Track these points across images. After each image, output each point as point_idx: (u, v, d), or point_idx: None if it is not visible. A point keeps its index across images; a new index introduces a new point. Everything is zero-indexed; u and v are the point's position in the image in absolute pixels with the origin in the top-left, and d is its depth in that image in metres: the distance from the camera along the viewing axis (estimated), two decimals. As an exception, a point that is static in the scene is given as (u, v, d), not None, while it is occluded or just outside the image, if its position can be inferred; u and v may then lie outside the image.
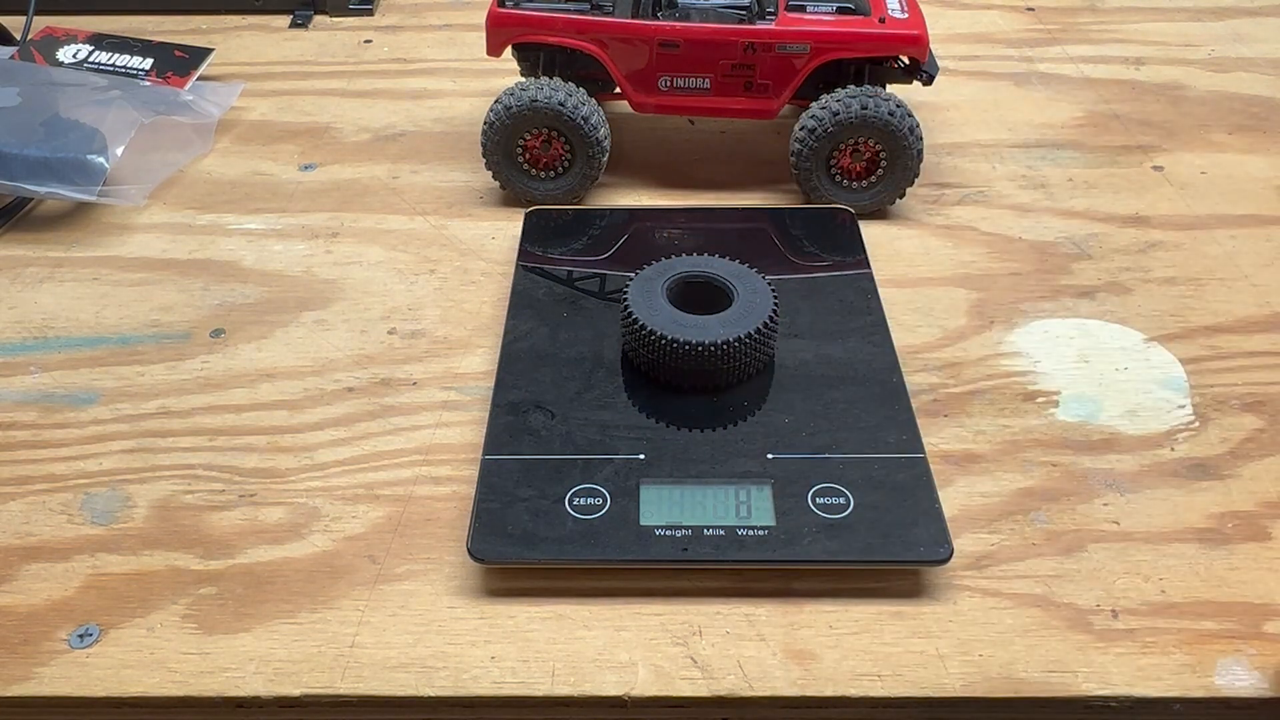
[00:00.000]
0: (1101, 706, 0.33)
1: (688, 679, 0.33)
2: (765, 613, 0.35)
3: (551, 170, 0.53)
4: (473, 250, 0.52)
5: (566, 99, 0.51)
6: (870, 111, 0.50)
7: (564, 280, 0.47)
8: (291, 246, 0.52)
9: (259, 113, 0.62)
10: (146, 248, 0.52)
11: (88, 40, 0.64)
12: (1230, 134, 0.60)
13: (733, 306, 0.41)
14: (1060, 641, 0.34)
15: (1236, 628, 0.35)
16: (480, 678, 0.33)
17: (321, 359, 0.45)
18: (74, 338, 0.47)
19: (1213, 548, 0.37)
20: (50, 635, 0.35)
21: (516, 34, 0.53)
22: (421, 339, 0.46)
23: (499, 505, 0.37)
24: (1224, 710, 0.33)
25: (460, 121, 0.61)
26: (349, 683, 0.33)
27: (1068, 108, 0.63)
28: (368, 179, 0.57)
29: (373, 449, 0.41)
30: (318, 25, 0.72)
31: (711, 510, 0.37)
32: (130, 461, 0.41)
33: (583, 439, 0.39)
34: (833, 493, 0.37)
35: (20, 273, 0.50)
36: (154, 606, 0.36)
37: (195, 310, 0.48)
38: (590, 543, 0.36)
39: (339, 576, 0.37)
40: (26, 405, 0.43)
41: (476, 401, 0.43)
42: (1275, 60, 0.67)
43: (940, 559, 0.35)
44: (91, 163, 0.52)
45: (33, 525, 0.38)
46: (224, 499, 0.39)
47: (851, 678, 0.33)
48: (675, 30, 0.51)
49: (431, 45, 0.70)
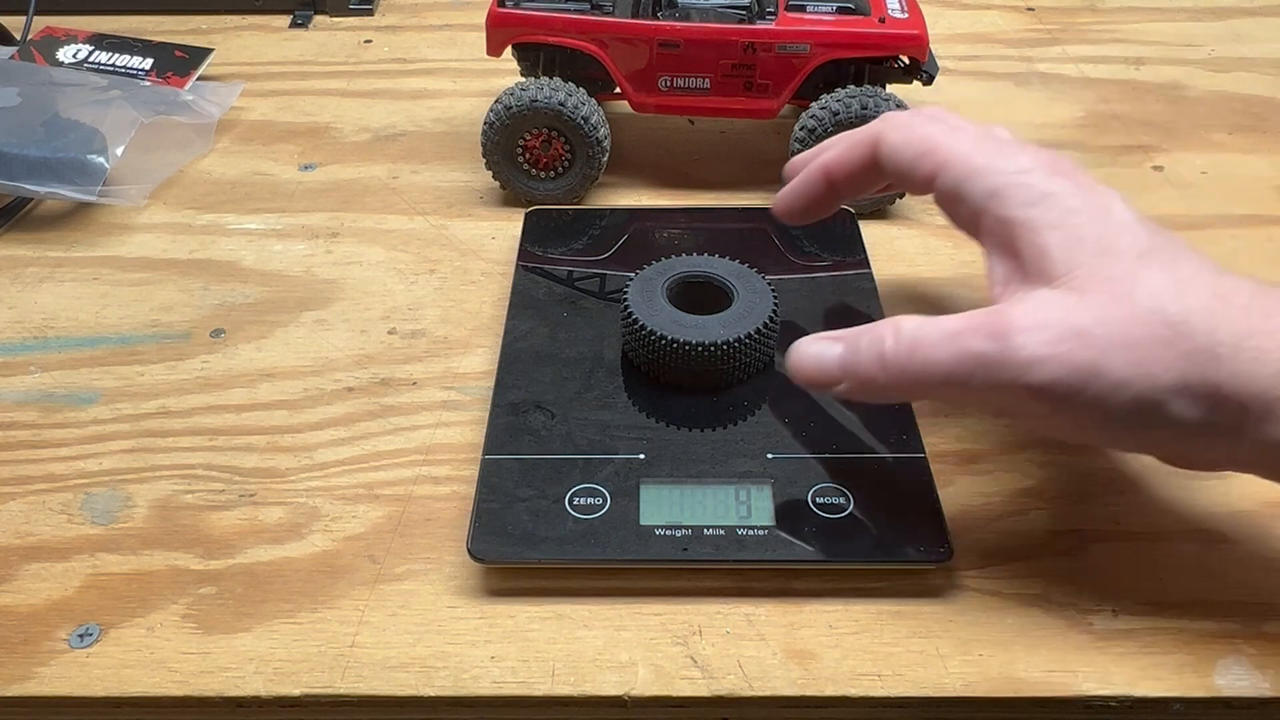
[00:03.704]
0: (1101, 706, 0.33)
1: (688, 679, 0.33)
2: (765, 613, 0.35)
3: (551, 170, 0.53)
4: (473, 250, 0.52)
5: (566, 99, 0.51)
6: (870, 111, 0.50)
7: (564, 280, 0.47)
8: (291, 246, 0.52)
9: (259, 113, 0.62)
10: (146, 248, 0.52)
11: (88, 40, 0.64)
12: (1230, 134, 0.60)
13: (733, 306, 0.41)
14: (1060, 641, 0.34)
15: (1236, 628, 0.35)
16: (480, 677, 0.33)
17: (321, 359, 0.45)
18: (74, 338, 0.47)
19: (1213, 547, 0.37)
20: (50, 635, 0.35)
21: (516, 34, 0.53)
22: (421, 339, 0.46)
23: (499, 505, 0.37)
24: (1224, 710, 0.33)
25: (460, 121, 0.61)
26: (349, 682, 0.33)
27: (1068, 108, 0.63)
28: (368, 179, 0.57)
29: (373, 449, 0.41)
30: (318, 25, 0.72)
31: (711, 510, 0.37)
32: (130, 461, 0.41)
33: (583, 439, 0.39)
34: (833, 493, 0.37)
35: (20, 273, 0.50)
36: (154, 606, 0.36)
37: (195, 310, 0.48)
38: (590, 543, 0.36)
39: (339, 576, 0.37)
40: (26, 405, 0.43)
41: (476, 401, 0.43)
42: (1275, 60, 0.67)
43: (940, 559, 0.35)
44: (91, 163, 0.52)
45: (33, 525, 0.38)
46: (224, 499, 0.39)
47: (851, 678, 0.33)
48: (675, 30, 0.51)
49: (431, 45, 0.70)
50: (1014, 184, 0.34)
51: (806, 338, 0.36)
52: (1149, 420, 0.31)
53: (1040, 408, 0.32)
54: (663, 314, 0.41)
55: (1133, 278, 0.32)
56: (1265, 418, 0.30)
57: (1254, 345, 0.30)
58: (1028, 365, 0.31)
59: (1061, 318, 0.31)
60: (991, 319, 0.32)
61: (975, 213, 0.35)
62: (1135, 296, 0.31)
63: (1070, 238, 0.33)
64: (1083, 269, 0.32)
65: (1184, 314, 0.31)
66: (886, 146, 0.37)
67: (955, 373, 0.32)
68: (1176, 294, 0.31)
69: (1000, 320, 0.32)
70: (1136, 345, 0.31)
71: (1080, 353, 0.31)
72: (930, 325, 0.33)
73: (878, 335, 0.34)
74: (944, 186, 0.36)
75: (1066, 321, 0.31)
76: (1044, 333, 0.31)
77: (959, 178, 0.35)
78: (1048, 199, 0.33)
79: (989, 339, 0.32)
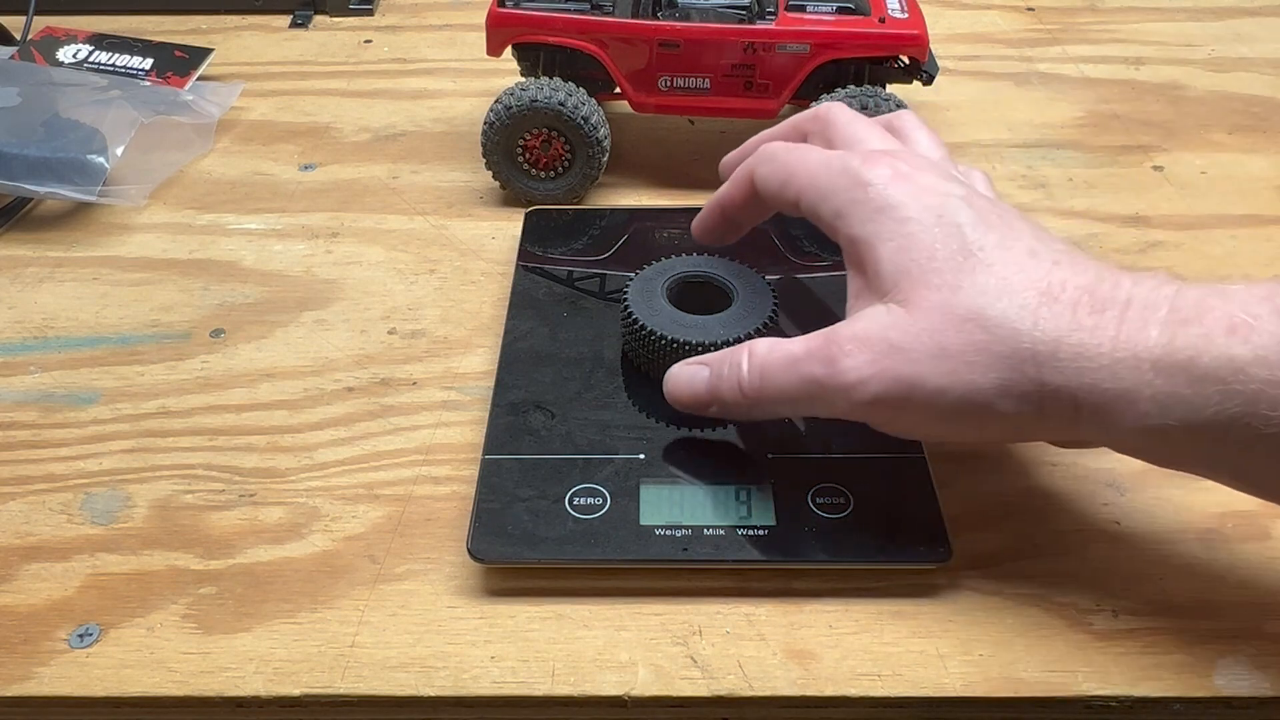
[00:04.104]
0: (1101, 706, 0.33)
1: (688, 679, 0.33)
2: (765, 613, 0.35)
3: (551, 170, 0.53)
4: (473, 250, 0.52)
5: (566, 99, 0.51)
6: (871, 112, 0.50)
7: (564, 280, 0.47)
8: (291, 246, 0.52)
9: (259, 113, 0.62)
10: (146, 248, 0.52)
11: (88, 40, 0.64)
12: (1230, 134, 0.60)
13: (733, 306, 0.41)
14: (1060, 641, 0.34)
15: (1236, 628, 0.35)
16: (480, 677, 0.33)
17: (321, 359, 0.45)
18: (74, 338, 0.47)
19: (1213, 548, 0.37)
20: (50, 635, 0.35)
21: (516, 34, 0.53)
22: (421, 339, 0.46)
23: (499, 505, 0.37)
24: (1224, 710, 0.33)
25: (460, 121, 0.61)
26: (349, 682, 0.33)
27: (1068, 108, 0.63)
28: (368, 179, 0.57)
29: (373, 449, 0.41)
30: (318, 25, 0.72)
31: (711, 510, 0.37)
32: (130, 461, 0.41)
33: (583, 439, 0.39)
34: (833, 493, 0.37)
35: (20, 273, 0.50)
36: (154, 606, 0.36)
37: (195, 310, 0.48)
38: (590, 543, 0.36)
39: (339, 576, 0.37)
40: (26, 405, 0.43)
41: (476, 401, 0.43)
42: (1275, 60, 0.67)
43: (940, 559, 0.35)
44: (91, 163, 0.52)
45: (33, 525, 0.38)
46: (224, 499, 0.39)
47: (851, 678, 0.33)
48: (675, 30, 0.51)
49: (431, 45, 0.70)
50: (853, 200, 0.35)
51: (680, 362, 0.38)
52: (982, 419, 0.32)
53: (877, 417, 0.34)
54: (663, 314, 0.41)
55: (954, 284, 0.32)
56: (1101, 411, 0.30)
57: (1076, 341, 0.30)
58: (853, 387, 0.33)
59: (882, 333, 0.33)
60: (824, 343, 0.34)
61: (831, 233, 0.36)
62: (953, 303, 0.32)
63: (900, 249, 0.33)
64: (908, 279, 0.33)
65: (1001, 317, 0.31)
66: (758, 179, 0.38)
67: (799, 397, 0.34)
68: (996, 295, 0.32)
69: (830, 344, 0.33)
70: (951, 354, 0.31)
71: (899, 367, 0.32)
72: (778, 350, 0.35)
73: (736, 361, 0.35)
74: (806, 212, 0.37)
75: (886, 338, 0.32)
76: (865, 352, 0.32)
77: (813, 202, 0.36)
78: (883, 212, 0.34)
79: (820, 363, 0.33)
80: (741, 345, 0.36)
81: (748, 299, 0.42)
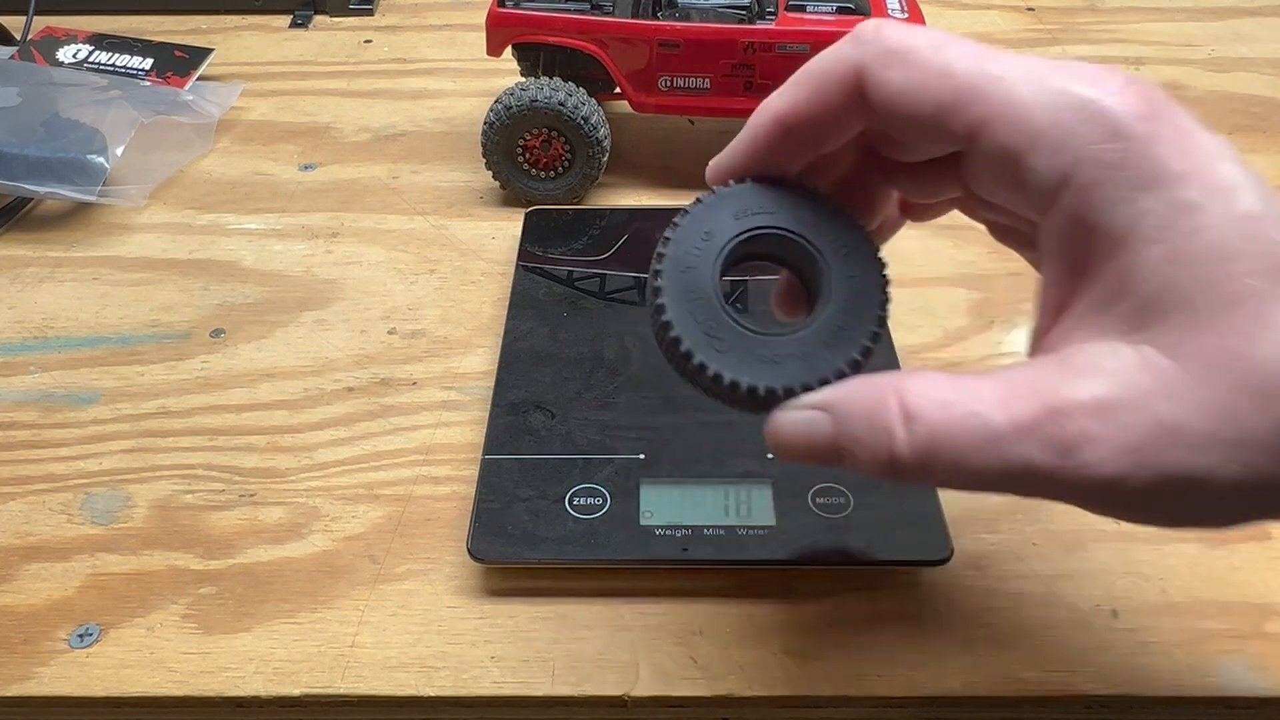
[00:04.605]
0: (1101, 706, 0.33)
1: (688, 679, 0.33)
2: (765, 613, 0.35)
3: (551, 170, 0.53)
4: (473, 250, 0.52)
5: (566, 99, 0.51)
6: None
7: (564, 280, 0.47)
8: (291, 246, 0.52)
9: (259, 113, 0.62)
10: (146, 248, 0.52)
11: (88, 40, 0.64)
12: (1230, 134, 0.60)
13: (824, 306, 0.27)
14: (1060, 641, 0.34)
15: (1236, 628, 0.35)
16: (480, 678, 0.33)
17: (321, 359, 0.45)
18: (74, 338, 0.47)
19: (1213, 548, 0.37)
20: (50, 635, 0.35)
21: (516, 34, 0.53)
22: (421, 339, 0.46)
23: (499, 505, 0.37)
24: (1224, 710, 0.33)
25: (460, 121, 0.61)
26: (349, 682, 0.33)
27: (1068, 108, 0.63)
28: (368, 179, 0.57)
29: (373, 449, 0.41)
30: (318, 25, 0.72)
31: (711, 510, 0.37)
32: (130, 461, 0.41)
33: (583, 439, 0.39)
34: (833, 493, 0.37)
35: (20, 273, 0.50)
36: (154, 606, 0.36)
37: (195, 310, 0.48)
38: (590, 543, 0.36)
39: (339, 576, 0.37)
40: (26, 405, 0.43)
41: (476, 401, 0.43)
42: (1275, 60, 0.67)
43: (940, 559, 0.35)
44: (91, 163, 0.52)
45: (33, 525, 0.38)
46: (224, 499, 0.39)
47: (851, 678, 0.33)
48: (675, 30, 0.51)
49: (431, 45, 0.70)
50: (1100, 160, 0.23)
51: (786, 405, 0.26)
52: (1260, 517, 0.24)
53: (1124, 515, 0.24)
54: (713, 314, 0.28)
55: (1251, 326, 0.22)
56: None
57: None
58: (1101, 487, 0.22)
59: (1143, 404, 0.22)
60: (1045, 414, 0.23)
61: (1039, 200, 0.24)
62: (1250, 358, 0.22)
63: (1175, 256, 0.22)
64: (1186, 310, 0.22)
65: None
66: (885, 89, 0.26)
67: (998, 487, 0.24)
68: None
69: (1057, 418, 0.23)
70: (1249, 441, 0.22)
71: (1173, 458, 0.22)
72: (956, 410, 0.23)
73: (879, 418, 0.24)
74: (987, 154, 0.24)
75: (1152, 413, 0.22)
76: (1117, 434, 0.22)
77: (1013, 146, 0.24)
78: (1153, 188, 0.23)
79: (1043, 449, 0.22)
80: (882, 383, 0.24)
81: (844, 284, 0.27)
